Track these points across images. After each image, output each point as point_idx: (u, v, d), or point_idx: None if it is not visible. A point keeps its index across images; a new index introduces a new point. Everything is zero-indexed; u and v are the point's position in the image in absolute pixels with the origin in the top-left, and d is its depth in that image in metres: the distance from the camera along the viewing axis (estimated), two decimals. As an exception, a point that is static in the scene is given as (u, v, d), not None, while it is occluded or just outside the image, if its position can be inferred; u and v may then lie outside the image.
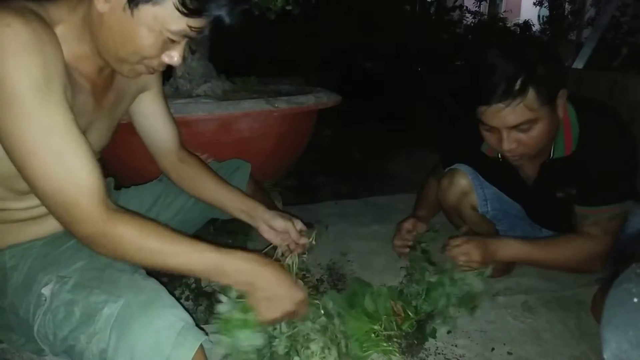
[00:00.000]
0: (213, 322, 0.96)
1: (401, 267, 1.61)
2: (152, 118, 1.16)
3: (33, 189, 0.75)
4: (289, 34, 4.84)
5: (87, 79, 0.89)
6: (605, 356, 0.49)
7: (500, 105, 1.11)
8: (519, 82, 1.09)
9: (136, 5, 0.76)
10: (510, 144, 1.16)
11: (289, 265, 1.16)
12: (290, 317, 0.93)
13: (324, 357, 1.06)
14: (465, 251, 1.27)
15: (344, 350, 1.14)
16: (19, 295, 0.88)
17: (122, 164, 1.64)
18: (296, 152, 2.09)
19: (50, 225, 0.93)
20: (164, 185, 1.33)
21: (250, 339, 0.92)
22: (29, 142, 0.71)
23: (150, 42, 0.80)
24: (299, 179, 2.76)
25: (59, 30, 0.80)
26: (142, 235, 0.78)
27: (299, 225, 1.23)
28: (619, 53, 4.19)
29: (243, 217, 1.24)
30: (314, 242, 1.25)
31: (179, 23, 0.78)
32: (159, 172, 1.38)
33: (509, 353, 1.26)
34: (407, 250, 1.53)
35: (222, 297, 0.96)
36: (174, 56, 0.86)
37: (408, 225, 1.54)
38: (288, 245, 1.21)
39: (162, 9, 0.76)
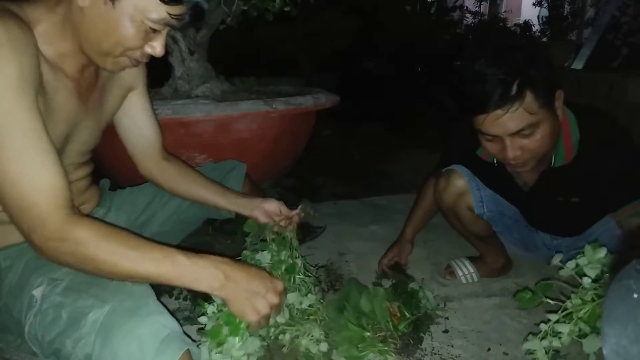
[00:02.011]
0: (200, 340, 0.92)
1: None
2: (138, 118, 1.15)
3: None
4: (288, 35, 4.85)
5: (70, 78, 0.89)
6: (604, 351, 0.50)
7: (499, 112, 1.09)
8: (515, 86, 1.07)
9: None
10: (515, 152, 1.14)
11: (288, 238, 1.14)
12: (275, 311, 0.90)
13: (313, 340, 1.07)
14: None
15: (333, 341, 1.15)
16: (14, 296, 0.88)
17: (122, 165, 1.65)
18: (295, 153, 2.09)
19: None
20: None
21: (242, 346, 0.89)
22: None
23: (133, 33, 0.81)
24: (298, 179, 2.77)
25: (39, 29, 0.81)
26: (104, 240, 0.76)
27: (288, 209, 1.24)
28: (619, 54, 4.18)
29: (236, 208, 1.23)
30: (310, 211, 1.25)
31: (159, 11, 0.80)
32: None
33: (505, 353, 1.27)
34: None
35: (202, 318, 0.93)
36: (156, 46, 0.87)
37: (392, 257, 1.64)
38: (283, 222, 1.21)
39: None
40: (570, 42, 5.60)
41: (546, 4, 6.56)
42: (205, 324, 0.93)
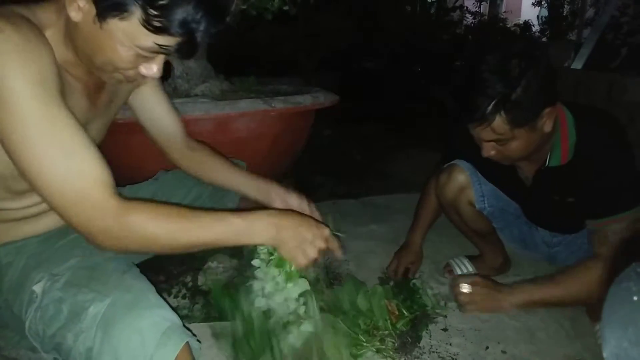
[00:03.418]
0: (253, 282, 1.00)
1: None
2: (155, 111, 1.17)
3: (38, 189, 0.74)
4: (289, 35, 4.85)
5: (79, 81, 0.90)
6: (604, 354, 0.50)
7: (473, 124, 1.16)
8: (489, 108, 1.10)
9: (104, 18, 0.74)
10: (488, 152, 1.21)
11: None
12: (323, 254, 0.95)
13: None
14: (473, 300, 1.31)
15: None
16: (14, 292, 0.88)
17: (120, 163, 1.65)
18: (293, 152, 2.09)
19: (45, 224, 0.94)
20: (159, 184, 1.33)
21: (296, 288, 0.97)
22: (31, 141, 0.71)
23: (122, 56, 0.79)
24: (298, 178, 2.77)
25: (49, 33, 0.80)
26: (160, 218, 0.78)
27: (310, 206, 1.23)
28: (618, 54, 4.19)
29: (258, 195, 1.23)
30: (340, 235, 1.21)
31: (147, 40, 0.76)
32: (156, 171, 1.38)
33: (503, 352, 1.27)
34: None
35: (255, 262, 0.99)
36: (152, 68, 0.83)
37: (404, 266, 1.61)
38: None
39: (129, 25, 0.74)
40: (569, 42, 5.60)
41: (545, 4, 6.56)
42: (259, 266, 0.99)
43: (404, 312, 1.29)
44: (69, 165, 0.73)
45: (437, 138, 1.65)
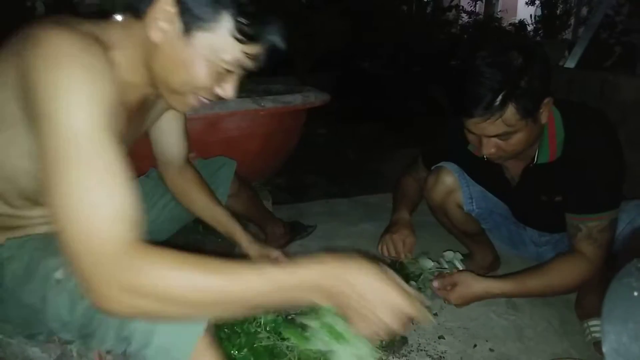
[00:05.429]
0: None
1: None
2: (167, 134, 1.19)
3: (55, 212, 0.64)
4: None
5: (126, 108, 0.86)
6: (604, 348, 0.50)
7: (478, 119, 1.12)
8: (499, 98, 1.09)
9: (190, 31, 0.74)
10: (489, 149, 1.18)
11: None
12: (400, 329, 0.72)
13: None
14: (456, 296, 1.23)
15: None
16: (22, 283, 0.87)
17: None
18: (285, 152, 2.09)
19: (48, 228, 0.93)
20: (152, 182, 1.32)
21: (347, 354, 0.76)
22: (68, 162, 0.64)
23: (205, 72, 0.78)
24: (290, 178, 2.77)
25: (116, 54, 0.78)
26: (185, 268, 0.63)
27: (275, 254, 1.28)
28: (612, 53, 4.20)
29: (226, 237, 1.31)
30: None
31: (235, 51, 0.77)
32: (147, 168, 1.38)
33: (491, 350, 1.27)
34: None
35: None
36: (227, 89, 0.84)
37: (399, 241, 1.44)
38: None
39: (217, 37, 0.75)
40: (563, 41, 5.61)
41: (539, 3, 6.57)
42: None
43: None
44: (93, 194, 0.63)
45: (434, 138, 1.66)
